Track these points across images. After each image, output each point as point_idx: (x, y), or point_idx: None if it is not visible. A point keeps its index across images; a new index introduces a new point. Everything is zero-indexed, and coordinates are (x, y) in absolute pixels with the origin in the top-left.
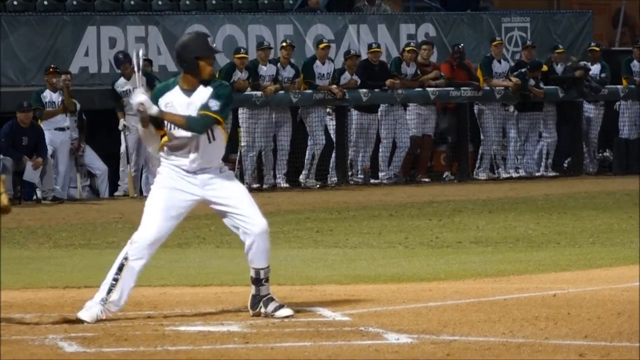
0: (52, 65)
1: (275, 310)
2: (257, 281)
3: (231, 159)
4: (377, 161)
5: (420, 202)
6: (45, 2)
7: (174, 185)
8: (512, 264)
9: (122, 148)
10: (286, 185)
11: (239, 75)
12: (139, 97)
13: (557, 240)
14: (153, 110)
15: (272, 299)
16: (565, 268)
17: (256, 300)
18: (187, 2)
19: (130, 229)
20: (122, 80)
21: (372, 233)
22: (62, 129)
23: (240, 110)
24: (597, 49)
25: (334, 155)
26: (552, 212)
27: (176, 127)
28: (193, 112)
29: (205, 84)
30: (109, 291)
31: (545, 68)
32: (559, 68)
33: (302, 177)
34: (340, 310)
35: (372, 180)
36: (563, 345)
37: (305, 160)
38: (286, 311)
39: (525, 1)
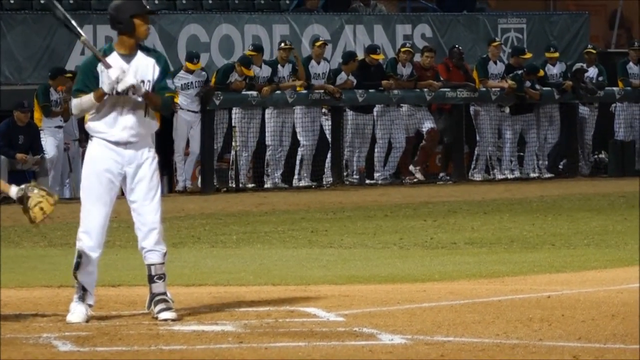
0: (66, 71)
1: (160, 312)
2: (150, 278)
3: (225, 159)
4: (373, 162)
5: (415, 202)
6: (42, 1)
7: (102, 167)
8: (507, 265)
9: None
10: (283, 185)
11: (236, 77)
12: (130, 78)
13: (552, 242)
14: (143, 89)
15: (162, 301)
16: (559, 269)
17: (151, 297)
18: (184, 2)
19: (125, 228)
20: None
21: (367, 233)
22: (60, 127)
23: (234, 110)
24: (594, 51)
25: (329, 155)
26: (547, 214)
27: (115, 95)
28: (135, 78)
29: (143, 49)
30: (82, 289)
31: (541, 73)
32: (554, 70)
33: (295, 180)
34: (334, 311)
35: (367, 181)
36: (557, 347)
37: (299, 161)
38: (169, 314)
39: (521, 2)
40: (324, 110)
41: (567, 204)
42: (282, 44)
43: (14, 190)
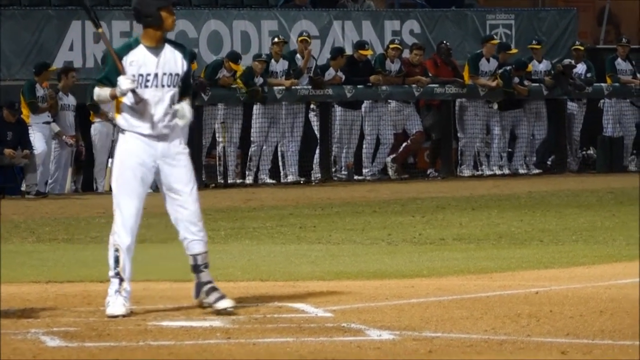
0: (49, 65)
1: (216, 302)
2: (196, 268)
3: (213, 154)
4: (361, 158)
5: (403, 198)
6: None
7: (136, 161)
8: (495, 261)
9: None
10: (271, 181)
11: (224, 73)
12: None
13: (540, 238)
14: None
15: (214, 289)
16: (548, 265)
17: (199, 287)
18: None
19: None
20: None
21: (355, 229)
22: (48, 123)
23: (221, 106)
24: (582, 47)
25: (317, 151)
26: (536, 210)
27: (144, 87)
28: (164, 71)
29: (170, 42)
30: (120, 281)
31: (530, 68)
32: (540, 67)
33: (282, 175)
34: (322, 307)
35: (355, 177)
36: (545, 343)
37: (287, 157)
38: (228, 302)
39: None
40: (312, 106)
41: (555, 200)
42: (276, 39)
43: None
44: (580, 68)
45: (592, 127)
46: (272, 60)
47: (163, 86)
